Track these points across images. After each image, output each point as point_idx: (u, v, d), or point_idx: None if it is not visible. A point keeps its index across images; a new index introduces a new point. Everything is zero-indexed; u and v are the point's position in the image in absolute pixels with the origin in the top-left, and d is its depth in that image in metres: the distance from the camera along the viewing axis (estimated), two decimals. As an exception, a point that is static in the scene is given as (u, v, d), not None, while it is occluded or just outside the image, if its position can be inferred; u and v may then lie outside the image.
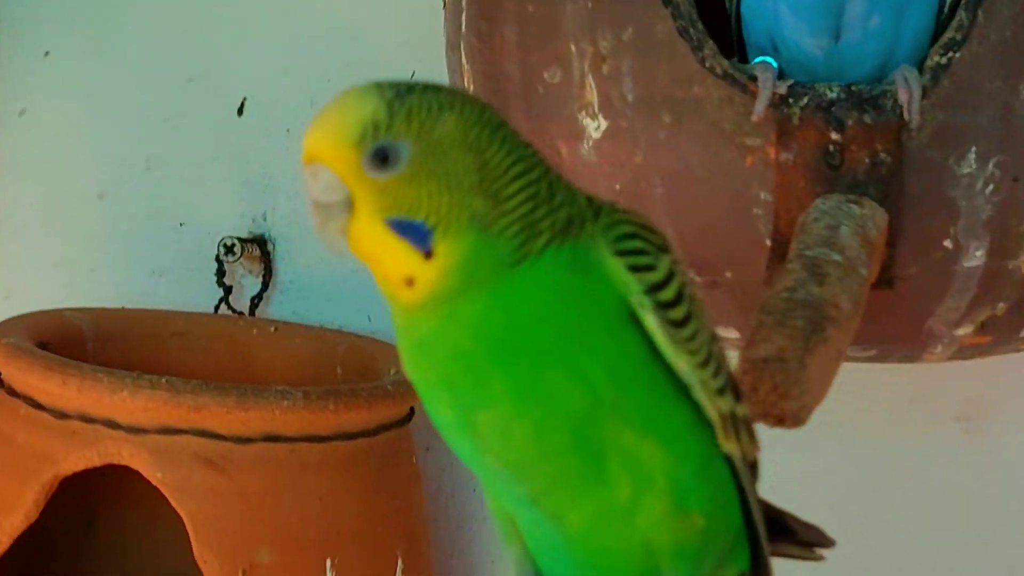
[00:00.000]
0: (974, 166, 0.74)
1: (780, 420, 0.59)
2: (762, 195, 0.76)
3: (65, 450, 0.93)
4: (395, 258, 0.53)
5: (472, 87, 0.85)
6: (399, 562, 0.97)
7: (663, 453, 0.54)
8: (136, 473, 0.94)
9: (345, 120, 0.53)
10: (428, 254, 0.53)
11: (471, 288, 0.53)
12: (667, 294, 0.53)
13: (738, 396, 0.56)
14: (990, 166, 0.74)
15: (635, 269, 0.53)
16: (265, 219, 1.15)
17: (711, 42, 0.76)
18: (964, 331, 0.80)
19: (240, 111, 1.14)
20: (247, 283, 1.15)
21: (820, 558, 0.63)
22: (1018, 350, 0.85)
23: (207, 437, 0.92)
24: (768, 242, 0.77)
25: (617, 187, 0.79)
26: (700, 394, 0.54)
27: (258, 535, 0.92)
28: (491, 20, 0.83)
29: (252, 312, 1.13)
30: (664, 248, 0.54)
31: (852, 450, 1.08)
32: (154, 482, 0.92)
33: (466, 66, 0.85)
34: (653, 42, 0.77)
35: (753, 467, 0.58)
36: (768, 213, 0.76)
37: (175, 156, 1.16)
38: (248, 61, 1.14)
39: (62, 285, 1.18)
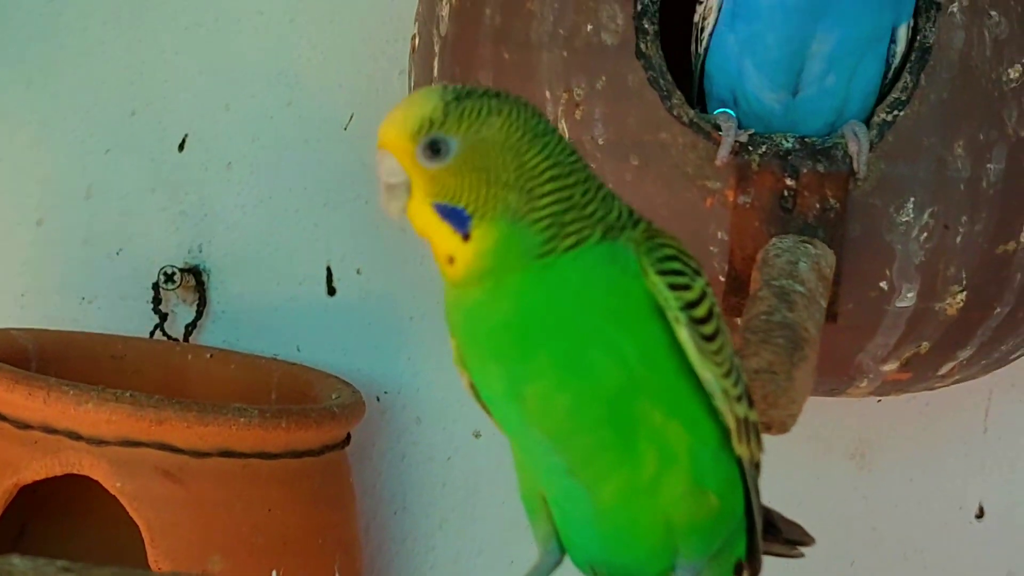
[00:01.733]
0: (911, 214, 0.83)
1: (768, 427, 0.66)
2: (719, 234, 0.83)
3: (28, 459, 0.96)
4: (440, 237, 0.61)
5: (444, 127, 0.91)
6: (336, 572, 1.02)
7: (686, 434, 0.61)
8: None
9: (408, 115, 0.60)
10: (466, 236, 0.60)
11: (504, 270, 0.60)
12: (700, 311, 0.60)
13: (751, 403, 0.63)
14: (925, 215, 0.83)
15: (674, 288, 0.60)
16: (201, 250, 1.19)
17: (679, 92, 0.84)
18: (889, 367, 0.88)
19: (181, 147, 1.18)
20: (180, 311, 1.19)
21: (800, 555, 0.69)
22: (931, 388, 0.94)
23: (166, 450, 0.96)
24: (722, 278, 0.84)
25: (584, 222, 0.85)
26: (720, 401, 0.61)
27: (211, 543, 0.96)
28: (466, 66, 0.89)
29: (186, 340, 1.17)
30: (698, 272, 0.61)
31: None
32: (112, 491, 0.96)
33: (438, 107, 0.91)
34: (625, 91, 0.84)
35: (756, 467, 0.65)
36: (724, 251, 0.83)
37: (115, 186, 1.19)
38: (190, 97, 1.18)
39: (-10, 308, 1.21)
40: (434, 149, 0.60)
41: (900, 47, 0.84)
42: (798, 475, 1.15)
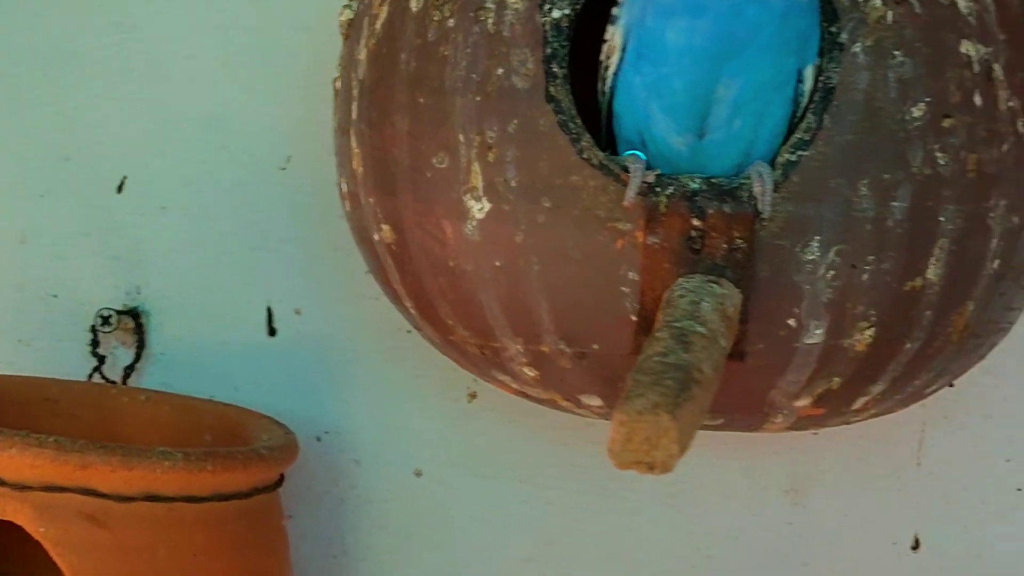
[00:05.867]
0: (818, 253, 0.83)
1: (651, 467, 0.66)
2: (630, 275, 0.84)
3: (-48, 504, 0.96)
4: None
5: (361, 169, 0.92)
6: (266, 618, 1.02)
7: None
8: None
9: None
10: None
11: None
12: None
13: None
14: (831, 254, 0.83)
15: None
16: (139, 292, 1.19)
17: (588, 135, 0.84)
18: (802, 403, 0.89)
19: (120, 188, 1.19)
20: (119, 354, 1.19)
21: None
22: (848, 422, 0.94)
23: (90, 495, 0.96)
24: (633, 317, 0.84)
25: (497, 264, 0.86)
26: None
27: (135, 589, 0.96)
28: (383, 110, 0.90)
29: (124, 382, 1.17)
30: None
31: (687, 519, 1.16)
32: (36, 536, 0.96)
33: (356, 149, 0.92)
34: (536, 134, 0.85)
35: None
36: (635, 292, 0.84)
37: (49, 230, 1.20)
38: (123, 142, 1.19)
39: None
40: None
41: (808, 86, 0.85)
42: (732, 510, 1.15)
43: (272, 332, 1.19)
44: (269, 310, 1.19)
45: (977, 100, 0.85)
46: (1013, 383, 1.13)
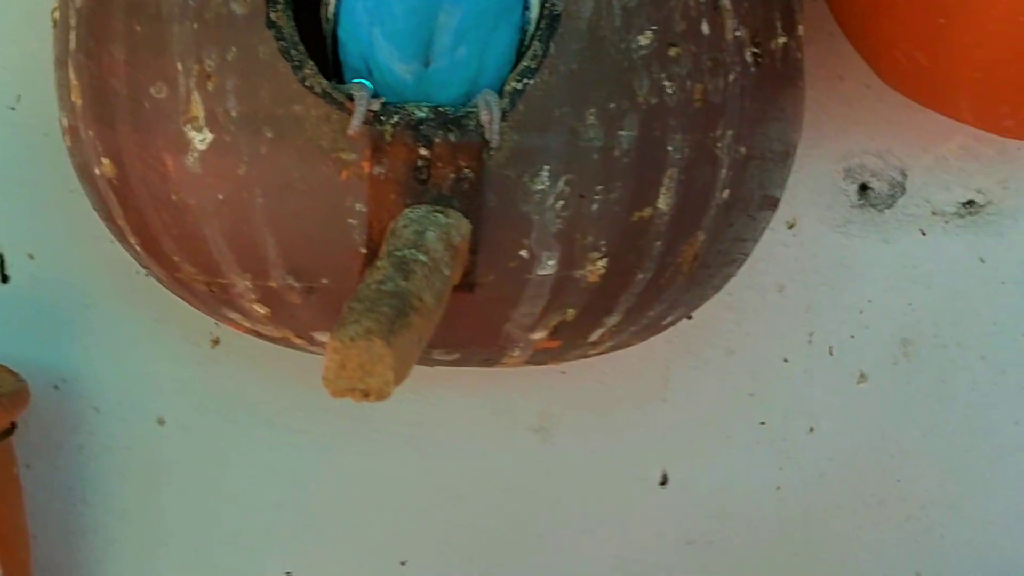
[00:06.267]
0: (546, 183, 0.82)
1: (366, 395, 0.65)
2: (357, 206, 0.82)
3: None
4: None
5: (80, 101, 0.88)
6: (-3, 571, 0.99)
7: None
8: None
9: None
10: None
11: None
12: None
13: None
14: (560, 184, 0.83)
15: None
16: None
17: (311, 63, 0.82)
18: (538, 336, 0.88)
19: None
20: None
21: None
22: (586, 355, 0.94)
23: None
24: (362, 250, 0.83)
25: (220, 197, 0.84)
26: None
27: None
28: (99, 39, 0.86)
29: None
30: None
31: (436, 460, 1.15)
32: None
33: (74, 81, 0.89)
34: (256, 62, 0.82)
35: None
36: (362, 223, 0.82)
37: None
38: None
39: None
40: None
41: (534, 14, 0.83)
42: (481, 450, 1.15)
43: (4, 279, 1.15)
44: (1, 255, 1.14)
45: (704, 29, 0.85)
46: (755, 319, 1.14)
